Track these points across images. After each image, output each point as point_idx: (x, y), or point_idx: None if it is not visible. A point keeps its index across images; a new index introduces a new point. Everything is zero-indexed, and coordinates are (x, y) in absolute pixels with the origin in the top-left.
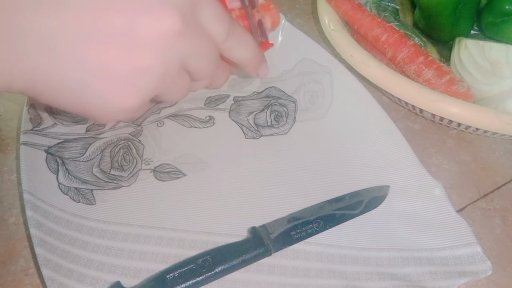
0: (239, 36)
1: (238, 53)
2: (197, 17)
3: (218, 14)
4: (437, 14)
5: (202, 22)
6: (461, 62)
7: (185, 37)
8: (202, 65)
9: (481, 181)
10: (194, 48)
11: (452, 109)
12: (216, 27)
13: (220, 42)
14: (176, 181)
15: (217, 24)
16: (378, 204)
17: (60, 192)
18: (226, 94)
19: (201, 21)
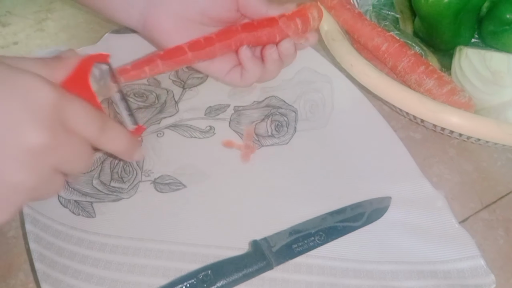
0: (111, 131)
1: (112, 147)
2: (66, 123)
3: (87, 115)
4: (437, 23)
5: (72, 125)
6: (462, 71)
7: (54, 148)
8: (75, 165)
9: (483, 191)
10: (66, 154)
11: (454, 120)
12: (87, 127)
13: (93, 140)
14: (176, 192)
15: (87, 125)
16: (380, 216)
17: (60, 205)
18: (226, 103)
19: (71, 125)
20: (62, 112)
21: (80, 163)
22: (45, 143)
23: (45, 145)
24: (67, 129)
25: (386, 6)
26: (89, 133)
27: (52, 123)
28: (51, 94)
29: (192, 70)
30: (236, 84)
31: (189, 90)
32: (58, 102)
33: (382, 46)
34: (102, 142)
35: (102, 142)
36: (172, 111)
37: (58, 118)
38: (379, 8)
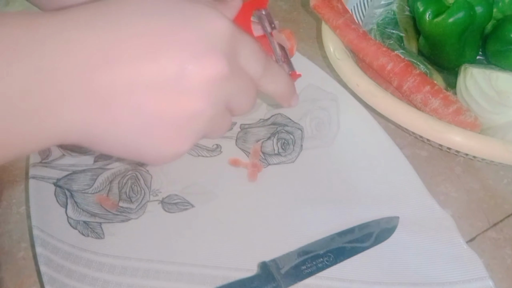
0: (274, 72)
1: (273, 87)
2: (238, 57)
3: (255, 53)
4: (442, 42)
5: (242, 61)
6: (467, 90)
7: (230, 79)
8: (243, 103)
9: (490, 209)
10: (238, 88)
11: (460, 140)
12: (254, 65)
13: (257, 79)
14: (184, 212)
15: (254, 62)
16: (388, 236)
17: (69, 226)
18: (233, 121)
19: (241, 61)
20: (236, 45)
21: (248, 101)
22: (224, 73)
23: (223, 75)
24: (239, 65)
25: (391, 24)
26: (256, 70)
27: (229, 54)
28: (228, 26)
29: None
30: None
31: None
32: (234, 36)
33: (387, 66)
34: (265, 81)
35: (265, 81)
36: None
37: (234, 51)
38: (383, 27)
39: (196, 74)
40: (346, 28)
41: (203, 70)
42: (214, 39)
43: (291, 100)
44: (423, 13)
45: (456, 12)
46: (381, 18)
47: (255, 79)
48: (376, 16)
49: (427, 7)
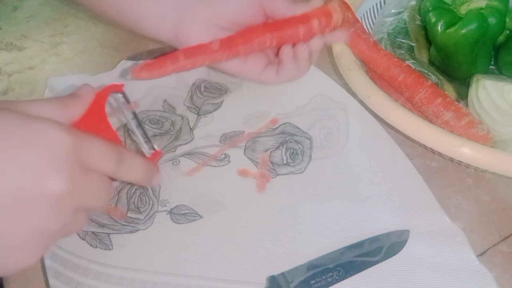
0: (128, 162)
1: (130, 176)
2: (85, 162)
3: (103, 152)
4: (454, 53)
5: (90, 164)
6: (479, 102)
7: (75, 191)
8: (97, 202)
9: (501, 222)
10: (87, 193)
11: (473, 155)
12: (104, 164)
13: (111, 174)
14: (192, 223)
15: (104, 161)
16: (398, 250)
17: (78, 237)
18: (241, 130)
19: (90, 164)
20: (79, 154)
21: (101, 198)
22: (67, 189)
23: (67, 191)
24: (85, 168)
25: (401, 34)
26: (107, 168)
27: (71, 167)
28: (66, 138)
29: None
30: (271, 82)
31: (204, 117)
32: (74, 145)
33: (398, 77)
34: (120, 174)
35: (120, 174)
36: (187, 138)
37: (76, 161)
38: (394, 36)
39: (35, 195)
40: (357, 38)
41: (42, 190)
42: (52, 158)
43: (151, 182)
44: (435, 24)
45: (469, 23)
46: (392, 27)
47: (109, 174)
48: (387, 25)
49: (439, 18)
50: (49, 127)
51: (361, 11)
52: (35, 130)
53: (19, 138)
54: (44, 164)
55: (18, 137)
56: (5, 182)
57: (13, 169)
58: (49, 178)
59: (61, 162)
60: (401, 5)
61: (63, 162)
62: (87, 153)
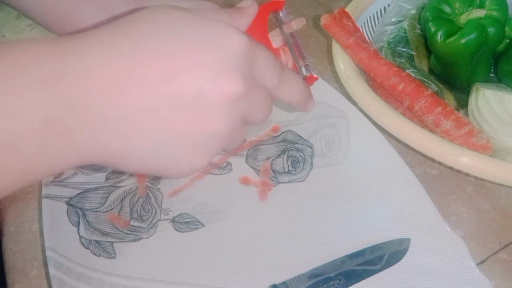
0: (289, 80)
1: (289, 95)
2: (254, 72)
3: (270, 65)
4: (454, 62)
5: (257, 74)
6: (479, 111)
7: (246, 97)
8: (259, 115)
9: (501, 230)
10: (254, 103)
11: (474, 164)
12: (269, 78)
13: (273, 90)
14: (194, 232)
15: (270, 74)
16: (399, 258)
17: (82, 246)
18: None
19: (257, 75)
20: (252, 61)
21: (263, 113)
22: (241, 92)
23: (241, 93)
24: (255, 79)
25: (401, 43)
26: (271, 82)
27: (245, 71)
28: (243, 42)
29: None
30: None
31: None
32: (250, 52)
33: (398, 86)
34: (281, 91)
35: (281, 91)
36: None
37: (249, 67)
38: (394, 45)
39: (213, 95)
40: (357, 47)
41: (220, 90)
42: (231, 58)
43: (307, 105)
44: (435, 33)
45: (468, 33)
46: (392, 36)
47: (270, 90)
48: (387, 33)
49: (439, 27)
50: (229, 28)
51: (362, 20)
52: (214, 30)
53: (201, 36)
54: (222, 65)
55: (200, 34)
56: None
57: (193, 67)
58: (227, 78)
59: (239, 64)
60: (401, 14)
61: (240, 65)
62: (258, 62)
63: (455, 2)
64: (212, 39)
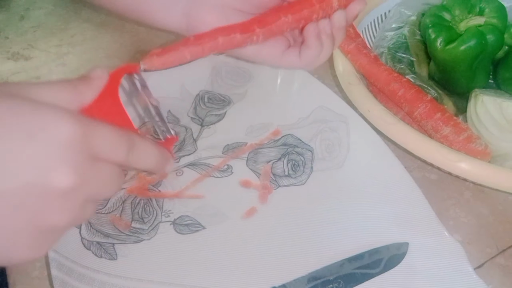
0: (139, 150)
1: (143, 164)
2: (95, 152)
3: (113, 140)
4: (453, 68)
5: (99, 153)
6: (478, 117)
7: (84, 184)
8: (106, 191)
9: (499, 235)
10: (96, 187)
11: (471, 170)
12: (114, 152)
13: (122, 162)
14: (195, 234)
15: (114, 150)
16: (397, 262)
17: (83, 247)
18: (244, 142)
19: (99, 153)
20: (87, 143)
21: (110, 188)
22: (75, 183)
23: (74, 184)
24: (94, 158)
25: (401, 49)
26: (117, 157)
27: (79, 159)
28: (74, 128)
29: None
30: (294, 65)
31: (207, 128)
32: (82, 135)
33: (398, 92)
34: (132, 162)
35: (132, 162)
36: (190, 149)
37: (84, 151)
38: (394, 51)
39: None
40: (358, 53)
41: (52, 185)
42: (59, 149)
43: (164, 169)
44: (435, 40)
45: (467, 40)
46: (392, 42)
47: (120, 163)
48: (387, 39)
49: (439, 34)
50: (56, 116)
51: (362, 25)
52: (40, 120)
53: (23, 129)
54: (50, 157)
55: (21, 128)
56: (9, 178)
57: (17, 164)
58: (56, 172)
59: (69, 154)
60: (401, 20)
61: (71, 154)
62: (96, 142)
63: (455, 9)
64: (38, 130)
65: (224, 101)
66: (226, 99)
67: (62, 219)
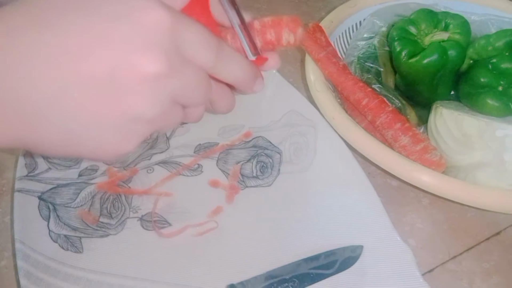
0: (228, 57)
1: (229, 74)
2: (182, 48)
3: (202, 40)
4: (416, 81)
5: (188, 51)
6: (436, 128)
7: (172, 75)
8: (193, 96)
9: (451, 242)
10: (183, 83)
11: (424, 179)
12: (203, 54)
13: (209, 68)
14: (161, 231)
15: (203, 51)
16: (351, 264)
17: (50, 240)
18: (215, 142)
19: (187, 51)
20: (177, 36)
21: (200, 93)
22: (161, 71)
23: (161, 73)
24: (183, 55)
25: (371, 59)
26: (205, 59)
27: (167, 48)
28: (165, 17)
29: None
30: None
31: (180, 127)
32: (172, 26)
33: (362, 101)
34: (219, 69)
35: (219, 69)
36: (163, 147)
37: (174, 43)
38: (363, 61)
39: (129, 74)
40: (327, 61)
41: (136, 69)
42: (148, 34)
43: (253, 85)
44: (399, 52)
45: (430, 54)
46: (362, 52)
47: (206, 68)
48: (358, 48)
49: (404, 47)
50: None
51: (337, 33)
52: (130, 4)
53: (110, 11)
54: (138, 41)
55: (109, 9)
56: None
57: (105, 44)
58: (143, 55)
59: (158, 41)
60: (373, 30)
61: (160, 41)
62: (186, 36)
63: (421, 24)
64: (126, 14)
65: None
66: None
67: (148, 108)
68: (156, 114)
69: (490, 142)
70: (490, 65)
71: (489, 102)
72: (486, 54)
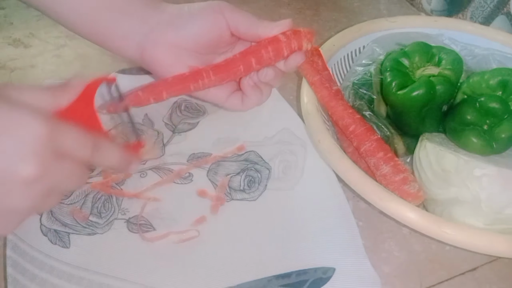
0: (103, 150)
1: (105, 163)
2: (61, 148)
3: (78, 141)
4: (404, 112)
5: (65, 150)
6: (420, 160)
7: (45, 175)
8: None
9: (426, 273)
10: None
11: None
12: (79, 152)
13: (86, 160)
14: (145, 234)
15: (79, 149)
16: (321, 285)
17: (41, 233)
18: (209, 152)
19: (64, 149)
20: (53, 141)
21: (73, 182)
22: (36, 174)
23: (36, 175)
24: (59, 155)
25: (365, 85)
26: (82, 155)
27: (44, 153)
28: (41, 127)
29: (186, 114)
30: (237, 109)
31: (178, 135)
32: (48, 133)
33: (350, 127)
34: (96, 160)
35: (96, 160)
36: (158, 153)
37: (50, 148)
38: (358, 87)
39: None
40: (320, 85)
41: (15, 174)
42: (25, 143)
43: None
44: (390, 83)
45: (417, 88)
46: (358, 78)
47: (85, 160)
48: (356, 74)
49: (394, 78)
50: (27, 116)
51: (339, 56)
52: (14, 118)
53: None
54: (16, 151)
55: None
56: None
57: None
58: (22, 163)
59: (33, 149)
60: (372, 57)
61: (37, 148)
62: (62, 139)
63: (414, 57)
64: (11, 127)
65: (199, 111)
66: (202, 109)
67: (24, 204)
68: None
69: (467, 180)
70: (478, 104)
71: (473, 140)
72: (480, 91)
